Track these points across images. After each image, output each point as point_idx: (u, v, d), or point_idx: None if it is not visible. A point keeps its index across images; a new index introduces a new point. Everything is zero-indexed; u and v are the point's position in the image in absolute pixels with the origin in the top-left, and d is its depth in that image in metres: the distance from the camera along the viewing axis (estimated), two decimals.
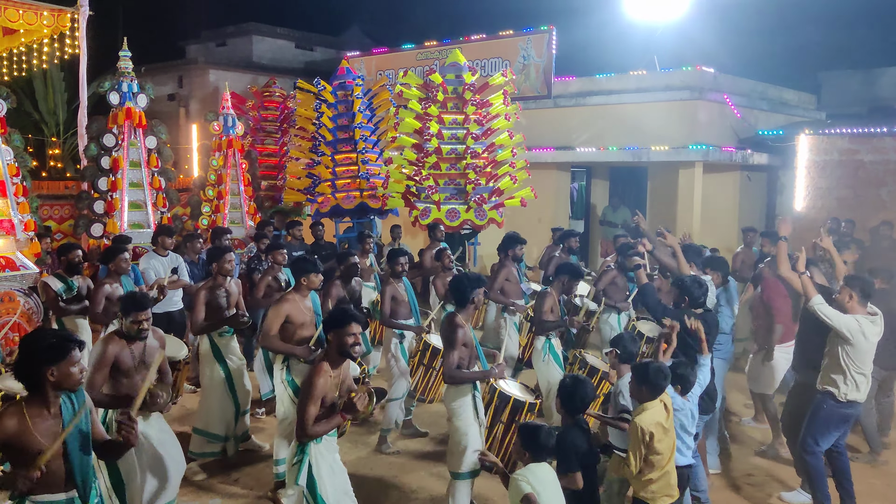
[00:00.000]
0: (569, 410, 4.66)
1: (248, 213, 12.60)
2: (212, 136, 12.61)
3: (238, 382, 6.86)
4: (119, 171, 10.51)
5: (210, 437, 6.75)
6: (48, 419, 3.58)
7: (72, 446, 3.65)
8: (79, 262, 7.75)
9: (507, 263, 8.56)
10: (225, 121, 12.34)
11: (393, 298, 7.35)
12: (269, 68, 23.31)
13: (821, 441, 5.85)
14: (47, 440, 3.53)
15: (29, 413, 3.54)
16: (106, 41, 14.85)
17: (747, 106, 15.05)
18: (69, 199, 11.45)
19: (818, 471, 5.86)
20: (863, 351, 5.69)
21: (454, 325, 5.58)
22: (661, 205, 14.85)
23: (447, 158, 11.94)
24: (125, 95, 10.60)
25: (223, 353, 6.82)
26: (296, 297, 6.28)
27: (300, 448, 4.68)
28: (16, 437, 3.49)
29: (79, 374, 3.62)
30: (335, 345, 4.71)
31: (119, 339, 5.10)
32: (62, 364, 3.55)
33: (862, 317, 5.70)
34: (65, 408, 3.65)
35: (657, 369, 4.61)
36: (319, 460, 4.69)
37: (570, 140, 15.07)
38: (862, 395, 5.78)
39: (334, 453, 4.92)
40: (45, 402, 3.59)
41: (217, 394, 6.77)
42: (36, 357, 3.55)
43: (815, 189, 13.57)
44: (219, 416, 6.75)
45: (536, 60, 15.81)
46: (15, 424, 3.50)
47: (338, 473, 4.88)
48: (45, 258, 9.77)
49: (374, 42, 26.12)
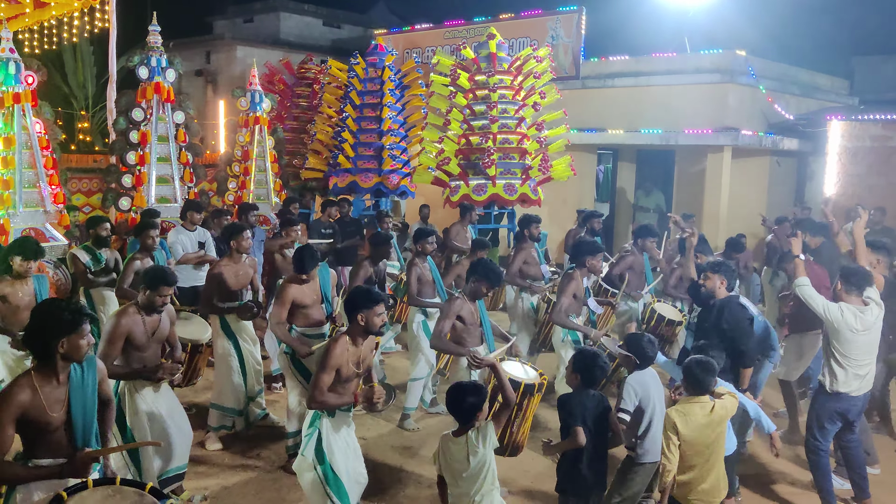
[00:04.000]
0: (585, 382, 4.64)
1: (274, 190, 12.63)
2: (238, 113, 12.63)
3: (248, 363, 6.84)
4: (147, 145, 10.57)
5: (225, 411, 6.82)
6: (57, 387, 3.68)
7: (76, 412, 3.73)
8: (107, 236, 7.84)
9: (524, 245, 8.55)
10: (252, 97, 12.35)
11: (418, 279, 7.39)
12: (297, 45, 23.26)
13: (819, 436, 5.75)
14: (53, 410, 3.63)
15: (39, 384, 3.63)
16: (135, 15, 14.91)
17: (779, 90, 14.83)
18: (97, 172, 11.53)
19: (819, 466, 5.75)
20: (847, 340, 5.55)
21: (451, 299, 6.05)
22: (688, 189, 14.69)
23: (477, 133, 11.89)
24: (154, 70, 10.63)
25: (234, 331, 6.83)
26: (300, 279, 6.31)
27: (312, 420, 4.79)
28: (30, 407, 3.58)
29: (86, 346, 3.70)
30: (361, 323, 4.77)
31: (135, 312, 5.15)
32: (73, 336, 3.63)
33: (850, 306, 5.58)
34: (73, 376, 3.74)
35: (697, 363, 4.52)
36: (331, 435, 4.77)
37: (598, 122, 14.94)
38: (852, 388, 5.63)
39: (349, 430, 4.98)
40: (54, 371, 3.67)
41: (227, 369, 6.80)
42: (48, 329, 3.62)
43: (846, 176, 13.38)
44: (230, 391, 6.79)
45: (565, 41, 15.64)
46: (28, 396, 3.59)
47: (352, 450, 4.96)
48: (74, 231, 9.88)
49: (401, 20, 25.98)
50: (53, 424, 3.65)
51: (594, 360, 4.65)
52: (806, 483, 6.21)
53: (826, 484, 5.73)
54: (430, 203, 12.67)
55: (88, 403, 3.80)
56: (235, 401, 6.82)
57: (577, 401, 4.57)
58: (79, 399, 3.73)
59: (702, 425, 4.45)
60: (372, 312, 4.73)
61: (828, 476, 5.76)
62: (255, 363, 6.94)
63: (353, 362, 4.80)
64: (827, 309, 5.58)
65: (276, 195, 12.49)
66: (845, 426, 5.82)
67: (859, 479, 5.85)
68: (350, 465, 4.87)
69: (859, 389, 5.68)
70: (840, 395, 5.65)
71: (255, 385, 6.95)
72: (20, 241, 6.34)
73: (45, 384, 3.64)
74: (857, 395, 5.70)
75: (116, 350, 5.04)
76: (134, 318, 5.11)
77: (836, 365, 5.62)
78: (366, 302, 4.76)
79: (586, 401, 4.59)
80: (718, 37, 16.06)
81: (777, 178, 15.51)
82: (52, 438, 3.67)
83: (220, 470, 6.30)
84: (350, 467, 4.86)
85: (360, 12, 28.47)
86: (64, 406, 3.68)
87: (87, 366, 3.80)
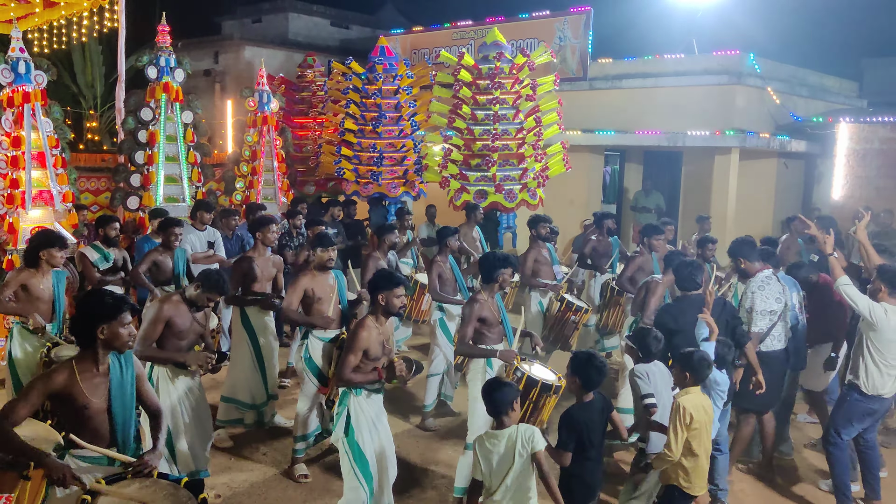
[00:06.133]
0: (585, 385, 4.63)
1: (282, 190, 12.67)
2: (246, 113, 12.67)
3: (268, 363, 6.86)
4: (155, 144, 10.61)
5: (237, 405, 6.84)
6: (97, 376, 3.81)
7: (116, 404, 3.84)
8: (116, 235, 7.89)
9: (535, 245, 8.57)
10: (260, 97, 12.38)
11: (439, 276, 7.45)
12: (305, 45, 23.29)
13: (843, 432, 5.75)
14: (93, 396, 3.76)
15: (78, 369, 3.76)
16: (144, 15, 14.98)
17: (787, 92, 14.79)
18: (106, 171, 11.58)
19: (840, 462, 5.76)
20: (889, 341, 5.54)
21: (471, 302, 5.84)
22: (695, 191, 14.66)
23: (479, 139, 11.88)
24: (163, 70, 10.67)
25: (254, 327, 6.85)
26: (314, 272, 6.33)
27: (341, 399, 5.02)
28: (64, 390, 3.70)
29: (127, 335, 3.81)
30: (382, 303, 5.03)
31: (179, 301, 5.34)
32: (113, 323, 3.75)
33: (893, 307, 5.56)
34: (113, 367, 3.86)
35: (701, 358, 4.71)
36: (359, 414, 5.00)
37: (605, 123, 14.92)
38: (887, 389, 5.63)
39: (379, 411, 5.19)
40: (95, 359, 3.80)
41: (244, 365, 6.83)
42: (90, 314, 3.76)
43: (854, 178, 13.34)
44: (245, 386, 6.82)
45: (573, 42, 15.63)
46: (65, 378, 3.72)
47: (382, 430, 5.16)
48: (82, 230, 9.93)
49: (409, 21, 25.98)
50: (92, 409, 3.75)
51: (589, 361, 4.63)
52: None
53: (844, 479, 5.75)
54: (437, 204, 12.68)
55: (127, 398, 3.91)
56: (248, 395, 6.84)
57: (576, 419, 4.52)
58: (118, 391, 3.84)
59: (702, 411, 4.60)
60: (392, 294, 5.00)
61: (846, 471, 5.77)
62: (273, 365, 6.96)
63: (381, 342, 5.04)
64: (872, 310, 5.54)
65: (284, 195, 12.53)
66: (869, 426, 5.82)
67: (872, 480, 5.85)
68: (378, 446, 5.09)
69: (892, 390, 5.68)
70: (874, 397, 5.65)
71: (275, 384, 6.98)
72: (47, 234, 6.42)
73: (85, 371, 3.77)
74: (888, 397, 5.72)
75: (156, 333, 5.25)
76: (178, 308, 5.31)
77: (873, 365, 5.60)
78: (387, 283, 5.02)
79: (586, 416, 4.55)
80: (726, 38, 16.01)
81: (785, 181, 15.46)
82: (92, 424, 3.78)
83: (228, 470, 6.33)
84: (378, 449, 5.08)
85: (368, 13, 28.48)
86: (105, 395, 3.81)
87: (125, 361, 3.92)
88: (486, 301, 5.81)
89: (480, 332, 5.85)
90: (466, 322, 5.76)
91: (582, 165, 15.10)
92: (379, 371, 4.99)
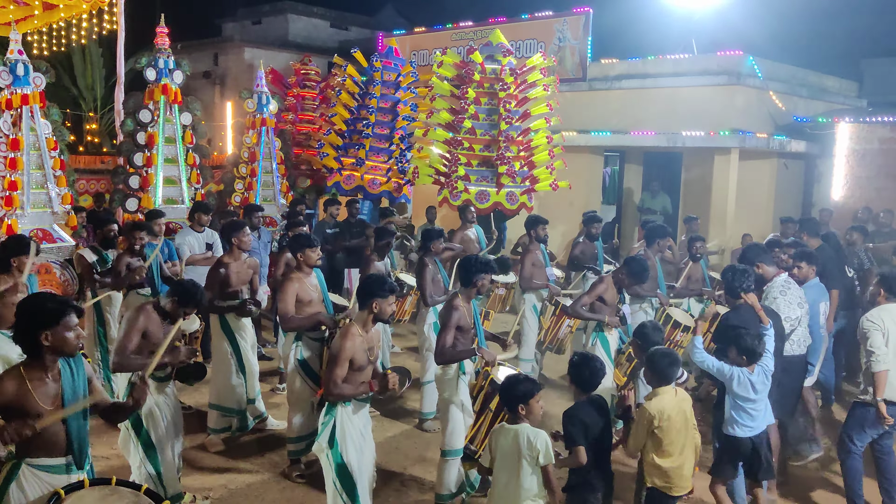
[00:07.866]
0: (581, 387, 4.64)
1: (281, 192, 12.68)
2: (246, 114, 12.68)
3: (247, 363, 6.79)
4: (154, 146, 10.62)
5: (224, 412, 6.80)
6: (48, 383, 3.58)
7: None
8: (114, 236, 7.87)
9: (532, 248, 8.52)
10: (259, 99, 12.40)
11: (432, 279, 7.32)
12: (304, 47, 23.31)
13: (856, 440, 5.69)
14: (47, 403, 3.54)
15: (28, 377, 3.53)
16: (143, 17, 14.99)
17: (786, 92, 14.77)
18: (105, 173, 11.60)
19: (852, 469, 5.70)
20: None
21: (450, 307, 5.69)
22: (694, 191, 14.63)
23: (481, 140, 11.88)
24: (162, 72, 10.69)
25: (232, 330, 6.79)
26: (300, 276, 6.29)
27: (328, 409, 4.89)
28: (16, 400, 3.49)
29: (75, 339, 3.60)
30: (374, 310, 4.92)
31: (152, 310, 5.25)
32: (57, 328, 3.52)
33: (887, 312, 5.53)
34: (64, 373, 3.64)
35: (663, 355, 4.69)
36: (346, 424, 4.87)
37: (604, 124, 14.91)
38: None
39: (366, 421, 5.07)
40: (43, 366, 3.58)
41: (226, 369, 6.78)
42: (30, 321, 3.53)
43: (854, 178, 13.32)
44: (230, 391, 6.77)
45: (572, 43, 15.62)
46: (14, 387, 3.50)
47: (367, 443, 5.05)
48: (81, 231, 9.93)
49: (409, 22, 25.97)
50: None
51: (585, 363, 4.64)
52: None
53: (856, 486, 5.69)
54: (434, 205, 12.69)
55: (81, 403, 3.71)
56: (235, 401, 6.80)
57: (578, 417, 4.52)
58: (72, 397, 3.64)
59: (675, 406, 4.59)
60: (385, 301, 4.92)
61: (859, 478, 5.70)
62: (254, 364, 6.91)
63: (365, 350, 4.91)
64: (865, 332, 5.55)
65: (283, 196, 12.54)
66: (884, 432, 5.74)
67: (889, 487, 5.71)
68: (363, 458, 4.96)
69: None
70: (889, 404, 5.55)
71: (254, 385, 6.93)
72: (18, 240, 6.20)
73: (35, 378, 3.55)
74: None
75: (133, 344, 5.14)
76: (151, 316, 5.23)
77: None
78: (381, 290, 4.91)
79: (587, 414, 4.55)
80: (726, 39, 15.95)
81: (784, 181, 15.44)
82: (47, 433, 3.55)
83: (223, 473, 6.30)
84: (363, 460, 4.95)
85: (367, 14, 28.50)
86: (57, 402, 3.59)
87: (76, 364, 3.71)
88: (463, 306, 5.68)
89: (454, 338, 5.73)
90: (446, 329, 5.59)
91: (581, 166, 15.08)
92: (371, 384, 4.85)
